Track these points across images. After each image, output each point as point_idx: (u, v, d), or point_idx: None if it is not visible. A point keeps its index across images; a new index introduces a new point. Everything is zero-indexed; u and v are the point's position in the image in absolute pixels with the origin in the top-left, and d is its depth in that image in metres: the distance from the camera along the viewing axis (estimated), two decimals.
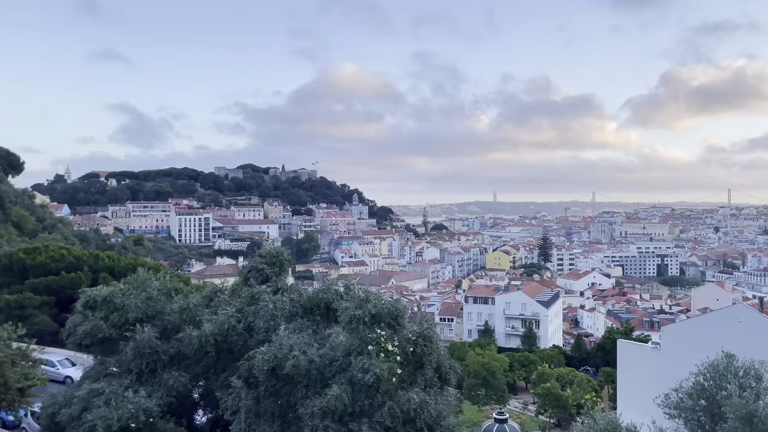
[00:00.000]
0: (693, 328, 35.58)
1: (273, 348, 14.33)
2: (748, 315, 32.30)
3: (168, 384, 16.57)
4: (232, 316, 17.03)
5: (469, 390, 71.77)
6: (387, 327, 14.56)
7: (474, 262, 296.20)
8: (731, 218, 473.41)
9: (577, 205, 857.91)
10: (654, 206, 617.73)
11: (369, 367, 13.14)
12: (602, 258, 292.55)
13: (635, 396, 33.40)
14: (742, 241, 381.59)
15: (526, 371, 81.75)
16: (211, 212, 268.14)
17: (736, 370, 11.20)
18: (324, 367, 13.95)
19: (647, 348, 38.85)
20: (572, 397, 61.49)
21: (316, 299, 17.72)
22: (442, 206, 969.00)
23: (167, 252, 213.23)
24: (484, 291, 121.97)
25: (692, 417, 11.36)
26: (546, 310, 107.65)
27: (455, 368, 15.95)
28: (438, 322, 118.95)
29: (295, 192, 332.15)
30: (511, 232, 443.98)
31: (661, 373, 30.87)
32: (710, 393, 11.17)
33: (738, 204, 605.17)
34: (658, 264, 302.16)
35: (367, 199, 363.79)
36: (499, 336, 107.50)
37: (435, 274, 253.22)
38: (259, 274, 19.29)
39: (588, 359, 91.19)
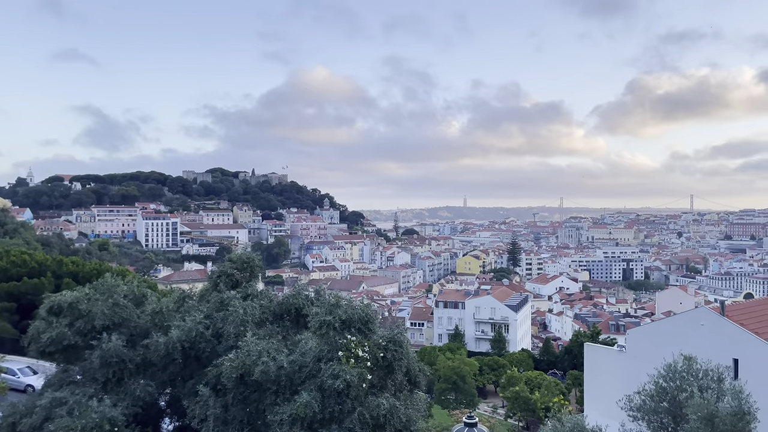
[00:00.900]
0: (657, 332, 36.39)
1: (241, 354, 14.19)
2: (710, 318, 33.19)
3: (134, 392, 16.26)
4: (201, 322, 16.81)
5: (439, 394, 72.07)
6: (357, 332, 14.56)
7: (444, 266, 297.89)
8: (694, 224, 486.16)
9: (545, 210, 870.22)
10: (620, 212, 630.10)
11: (339, 373, 13.13)
12: (570, 262, 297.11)
13: (602, 398, 34.00)
14: (704, 246, 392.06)
15: (496, 375, 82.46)
16: (179, 217, 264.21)
17: (696, 372, 11.51)
18: (293, 374, 13.88)
19: (613, 351, 39.60)
20: (540, 400, 62.21)
21: (287, 305, 17.62)
22: (413, 211, 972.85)
23: (133, 257, 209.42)
24: (455, 295, 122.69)
25: (655, 419, 11.63)
26: (515, 314, 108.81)
27: (425, 372, 16.02)
28: (409, 326, 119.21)
29: (265, 196, 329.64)
30: (481, 237, 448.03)
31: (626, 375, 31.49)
32: (672, 395, 11.46)
33: (700, 210, 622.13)
34: (624, 268, 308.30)
35: (338, 204, 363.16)
36: (469, 340, 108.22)
37: (406, 279, 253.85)
38: (228, 280, 19.08)
39: (556, 362, 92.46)
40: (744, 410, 10.57)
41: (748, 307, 36.59)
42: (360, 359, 13.70)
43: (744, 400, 10.80)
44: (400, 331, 15.01)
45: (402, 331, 15.23)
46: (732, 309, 34.54)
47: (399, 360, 14.55)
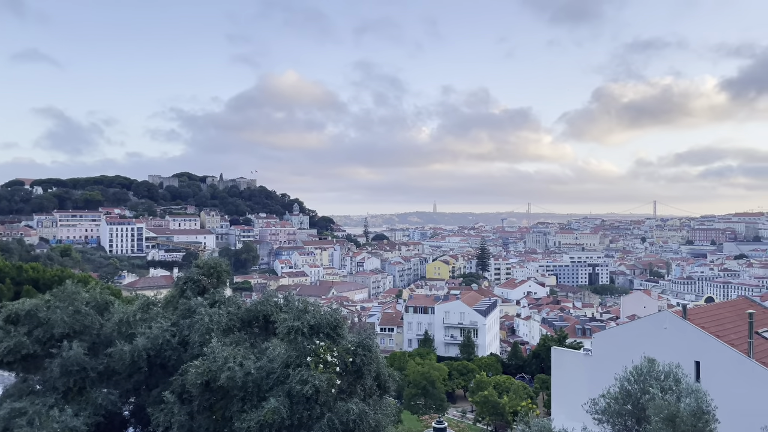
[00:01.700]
0: (621, 335, 37.12)
1: (207, 361, 14.00)
2: (673, 322, 33.99)
3: (96, 402, 15.88)
4: (167, 330, 16.51)
5: (408, 399, 72.16)
6: (326, 337, 14.49)
7: (414, 272, 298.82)
8: (657, 229, 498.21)
9: (513, 216, 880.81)
10: (585, 217, 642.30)
11: (308, 379, 13.04)
12: (537, 267, 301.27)
13: (568, 402, 34.48)
14: (667, 251, 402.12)
15: (465, 380, 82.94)
16: (144, 222, 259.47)
17: (658, 374, 11.76)
18: (261, 380, 13.74)
19: (579, 354, 40.24)
20: (509, 404, 62.82)
21: (255, 311, 17.42)
22: (383, 216, 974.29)
23: (97, 263, 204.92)
24: (424, 301, 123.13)
25: (619, 421, 11.83)
26: (484, 318, 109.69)
27: (394, 377, 16.02)
28: (378, 332, 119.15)
29: (233, 201, 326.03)
30: (450, 242, 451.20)
31: (592, 378, 32.02)
32: (635, 397, 11.68)
33: (663, 216, 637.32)
34: (590, 273, 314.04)
35: (307, 209, 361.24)
36: (439, 345, 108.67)
37: (376, 284, 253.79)
38: (195, 286, 18.78)
39: (524, 366, 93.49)
40: (703, 410, 10.84)
41: (708, 311, 37.60)
42: (329, 364, 13.64)
43: (703, 400, 11.08)
44: (369, 336, 15.00)
45: (371, 336, 15.22)
46: (693, 312, 35.45)
47: (368, 365, 14.53)
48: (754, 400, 29.17)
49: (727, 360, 31.04)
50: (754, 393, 29.45)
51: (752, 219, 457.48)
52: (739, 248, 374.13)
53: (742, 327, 33.24)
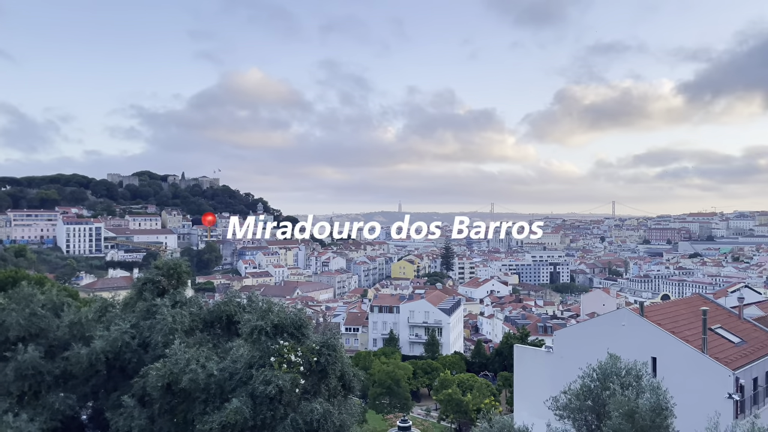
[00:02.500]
0: (582, 332, 37.96)
1: (169, 363, 13.75)
2: (630, 319, 34.91)
3: (53, 406, 15.44)
4: (126, 331, 16.16)
5: (373, 399, 72.21)
6: (290, 337, 14.40)
7: (380, 271, 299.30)
8: (615, 229, 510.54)
9: (477, 215, 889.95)
10: (547, 217, 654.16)
11: (271, 379, 12.94)
12: (500, 266, 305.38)
13: (530, 398, 35.09)
14: (625, 250, 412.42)
15: (429, 378, 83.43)
16: (103, 221, 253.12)
17: (618, 371, 12.06)
18: (224, 381, 13.57)
19: (541, 352, 40.97)
20: (472, 402, 63.46)
21: (218, 312, 17.21)
22: (349, 216, 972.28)
23: (53, 264, 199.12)
24: (389, 300, 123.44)
25: (580, 417, 12.08)
26: (448, 317, 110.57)
27: (359, 377, 16.03)
28: (344, 332, 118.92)
29: (195, 200, 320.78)
30: (415, 241, 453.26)
31: (553, 375, 32.65)
32: (596, 393, 11.94)
33: (621, 216, 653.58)
34: (551, 272, 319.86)
35: (272, 209, 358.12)
36: (404, 344, 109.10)
37: (341, 284, 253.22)
38: (155, 287, 18.43)
39: (487, 364, 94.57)
40: (662, 406, 11.16)
41: (664, 308, 38.75)
42: (293, 364, 13.56)
43: (662, 396, 11.41)
44: (334, 336, 14.98)
45: (336, 336, 15.20)
46: (650, 310, 36.48)
47: (333, 365, 14.50)
48: (708, 394, 30.18)
49: (682, 355, 32.05)
50: (708, 387, 30.47)
51: (706, 219, 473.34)
52: (693, 247, 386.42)
53: (696, 323, 34.36)
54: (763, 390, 33.14)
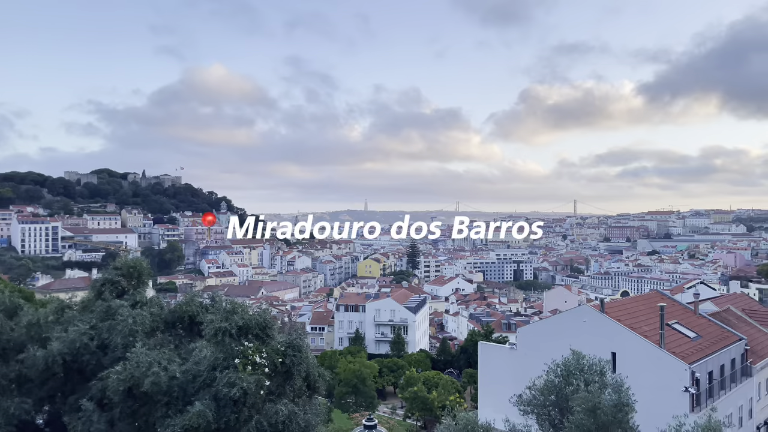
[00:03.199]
0: (544, 329, 38.61)
1: (130, 366, 13.43)
2: (591, 315, 35.66)
3: (8, 411, 14.93)
4: (85, 333, 15.72)
5: (339, 398, 72.10)
6: (255, 339, 14.23)
7: (346, 270, 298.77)
8: (577, 227, 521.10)
9: (442, 214, 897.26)
10: (511, 216, 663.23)
11: (235, 381, 12.76)
12: (465, 264, 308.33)
13: (495, 394, 35.50)
14: (586, 247, 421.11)
15: (395, 376, 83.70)
16: (60, 221, 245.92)
17: (582, 367, 12.28)
18: (186, 384, 13.32)
19: (505, 348, 41.52)
20: (437, 399, 63.90)
21: (179, 312, 16.88)
22: (315, 215, 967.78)
23: (8, 264, 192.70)
24: (355, 299, 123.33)
25: (543, 412, 12.26)
26: (414, 315, 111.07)
27: (324, 376, 15.95)
28: (309, 331, 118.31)
29: (156, 199, 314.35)
30: (381, 240, 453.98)
31: (517, 371, 33.10)
32: (559, 389, 12.13)
33: (582, 214, 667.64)
34: (515, 269, 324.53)
35: (236, 207, 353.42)
36: (370, 343, 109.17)
37: (306, 283, 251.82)
38: (114, 287, 17.98)
39: (452, 362, 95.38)
40: (624, 402, 11.41)
41: (623, 304, 39.69)
42: (258, 366, 13.40)
43: (624, 392, 11.66)
44: (299, 336, 14.86)
45: (301, 336, 15.08)
46: (610, 306, 37.31)
47: (298, 365, 14.38)
48: (666, 388, 31.05)
49: (641, 350, 32.89)
50: (666, 381, 31.35)
51: (663, 217, 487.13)
52: (651, 245, 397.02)
53: (654, 319, 35.30)
54: (717, 383, 34.27)
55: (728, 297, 58.73)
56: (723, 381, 34.90)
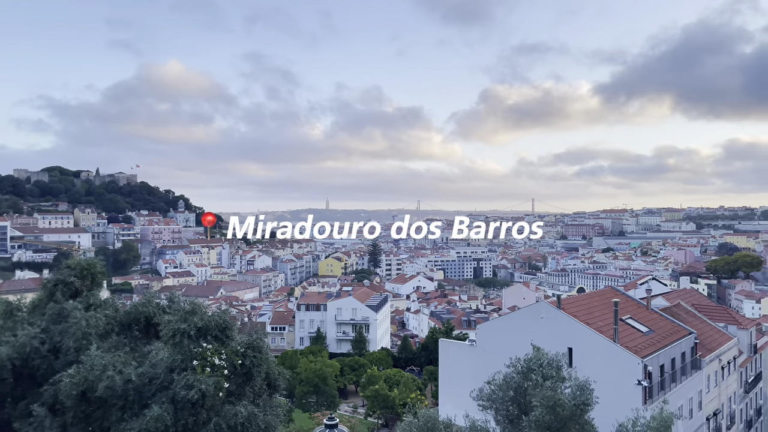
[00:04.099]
0: (503, 325, 39.20)
1: (83, 369, 13.06)
2: (548, 311, 36.39)
3: None
4: (35, 336, 15.21)
5: (300, 398, 71.72)
6: (214, 340, 14.02)
7: (307, 269, 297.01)
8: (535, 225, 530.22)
9: (404, 212, 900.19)
10: (471, 214, 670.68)
11: (193, 383, 12.54)
12: (426, 262, 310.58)
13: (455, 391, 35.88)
14: (544, 245, 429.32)
15: (357, 375, 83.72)
16: (8, 220, 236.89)
17: (540, 362, 12.51)
18: (143, 386, 13.04)
19: (465, 345, 41.98)
20: (399, 397, 64.24)
21: (135, 314, 16.49)
22: (275, 213, 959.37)
23: None
24: (317, 298, 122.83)
25: (502, 408, 12.45)
26: (375, 314, 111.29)
27: (285, 376, 15.84)
28: (270, 331, 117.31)
29: (111, 198, 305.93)
30: (342, 239, 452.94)
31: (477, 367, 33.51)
32: (518, 384, 12.34)
33: (540, 212, 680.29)
34: (475, 267, 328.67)
35: (194, 206, 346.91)
36: (331, 342, 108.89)
37: (267, 283, 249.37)
38: (67, 288, 17.42)
39: (413, 359, 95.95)
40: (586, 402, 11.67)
41: (579, 301, 40.64)
42: (217, 367, 13.22)
43: (587, 390, 11.94)
44: (259, 337, 14.71)
45: (261, 337, 14.94)
46: (567, 302, 38.16)
47: (258, 366, 14.24)
48: (620, 382, 31.93)
49: (596, 345, 33.74)
50: (620, 375, 32.24)
51: (618, 215, 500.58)
52: (606, 242, 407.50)
53: (608, 315, 36.26)
54: (669, 376, 35.44)
55: (679, 292, 60.84)
56: (674, 374, 36.11)
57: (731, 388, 45.65)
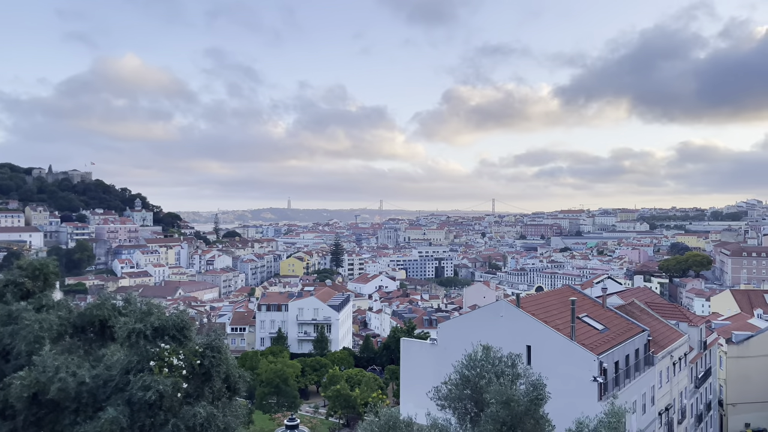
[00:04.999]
0: (464, 324, 39.64)
1: (35, 371, 12.68)
2: (508, 310, 36.96)
3: None
4: None
5: (260, 399, 71.03)
6: (172, 340, 13.79)
7: (268, 269, 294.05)
8: (495, 225, 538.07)
9: (366, 212, 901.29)
10: (432, 214, 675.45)
11: (151, 384, 12.32)
12: (389, 262, 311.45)
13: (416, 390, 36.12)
14: (504, 245, 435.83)
15: (318, 375, 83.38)
16: None
17: (493, 360, 12.73)
18: (97, 389, 12.74)
19: (426, 344, 42.30)
20: (360, 397, 64.28)
21: (89, 315, 16.06)
22: (236, 213, 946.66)
23: None
24: (278, 298, 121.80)
25: (459, 405, 12.63)
26: (337, 314, 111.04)
27: (245, 377, 15.69)
28: (229, 332, 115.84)
29: (65, 196, 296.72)
30: (304, 238, 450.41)
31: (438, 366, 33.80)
32: (473, 382, 12.54)
33: (500, 212, 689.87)
34: (436, 266, 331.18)
35: (151, 205, 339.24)
36: (292, 342, 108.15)
37: (227, 283, 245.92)
38: (17, 290, 16.88)
39: (375, 358, 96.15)
40: (540, 397, 11.93)
41: (538, 299, 41.42)
42: (175, 368, 13.01)
43: (539, 386, 12.21)
44: (218, 337, 14.54)
45: (220, 337, 14.76)
46: (525, 301, 38.84)
47: (217, 367, 14.07)
48: (577, 378, 32.69)
49: (553, 343, 34.45)
50: (576, 371, 33.00)
51: (575, 216, 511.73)
52: (563, 242, 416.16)
53: (566, 313, 37.06)
54: (623, 372, 36.45)
55: (633, 291, 62.66)
56: (628, 370, 37.16)
57: (682, 383, 47.24)
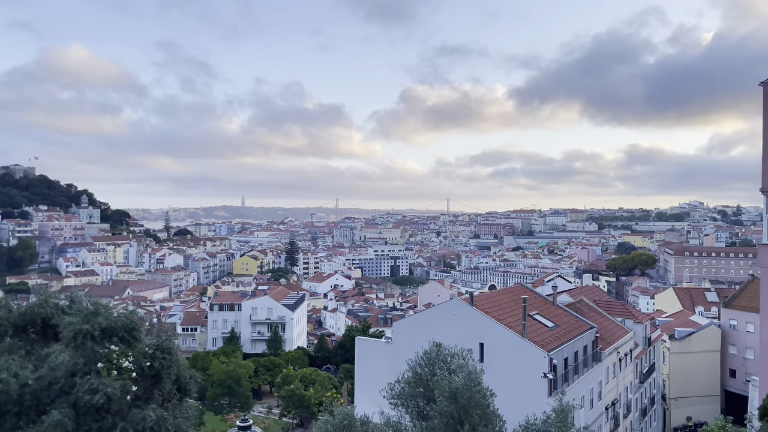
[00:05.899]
0: (418, 322, 39.95)
1: None
2: (462, 308, 37.44)
3: None
4: None
5: (212, 400, 69.85)
6: (120, 341, 13.40)
7: (221, 268, 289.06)
8: (450, 224, 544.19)
9: (322, 211, 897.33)
10: (388, 213, 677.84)
11: (98, 387, 11.93)
12: (344, 261, 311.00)
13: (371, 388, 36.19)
14: (458, 244, 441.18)
15: (272, 375, 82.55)
16: None
17: (444, 357, 12.89)
18: (41, 391, 12.26)
19: (381, 343, 42.45)
20: (314, 396, 64.00)
21: (31, 315, 15.44)
22: (188, 210, 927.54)
23: None
24: (231, 297, 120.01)
25: (412, 403, 12.73)
26: (292, 313, 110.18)
27: (196, 378, 15.39)
28: (180, 332, 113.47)
29: (6, 192, 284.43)
30: (259, 237, 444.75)
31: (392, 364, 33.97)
32: (425, 380, 12.66)
33: (455, 212, 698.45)
34: (392, 265, 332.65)
35: (99, 202, 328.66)
36: (245, 342, 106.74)
37: (178, 282, 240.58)
38: None
39: (330, 358, 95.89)
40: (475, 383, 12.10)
41: (491, 297, 42.10)
42: (123, 370, 12.65)
43: (474, 374, 12.39)
44: (168, 338, 14.21)
45: (171, 338, 14.43)
46: (479, 299, 39.41)
47: (168, 368, 13.75)
48: (528, 374, 33.39)
49: (505, 340, 35.09)
50: (528, 368, 33.71)
51: (527, 215, 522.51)
52: (516, 241, 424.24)
53: (517, 310, 37.81)
54: (572, 368, 37.42)
55: (582, 289, 64.43)
56: (577, 366, 38.18)
57: (628, 378, 48.86)
